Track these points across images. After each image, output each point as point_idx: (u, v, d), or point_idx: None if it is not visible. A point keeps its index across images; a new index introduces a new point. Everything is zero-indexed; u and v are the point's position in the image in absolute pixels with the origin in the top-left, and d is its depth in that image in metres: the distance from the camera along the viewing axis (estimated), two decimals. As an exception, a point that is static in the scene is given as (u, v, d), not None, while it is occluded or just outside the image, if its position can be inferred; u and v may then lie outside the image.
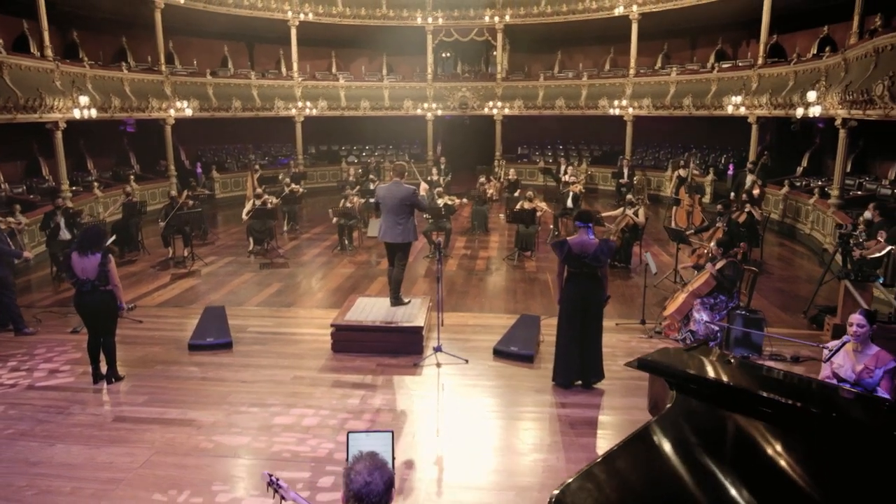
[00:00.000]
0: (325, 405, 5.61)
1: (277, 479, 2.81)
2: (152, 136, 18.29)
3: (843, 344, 4.02)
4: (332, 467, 4.60)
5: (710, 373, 3.59)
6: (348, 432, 3.49)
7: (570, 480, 2.61)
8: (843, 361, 4.08)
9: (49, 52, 12.73)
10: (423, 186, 7.94)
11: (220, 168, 19.56)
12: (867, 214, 8.49)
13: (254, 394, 5.84)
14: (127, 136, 18.82)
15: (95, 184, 14.75)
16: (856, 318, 3.98)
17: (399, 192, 7.06)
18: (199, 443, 4.95)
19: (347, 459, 3.28)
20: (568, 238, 5.77)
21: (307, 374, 6.32)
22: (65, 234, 10.41)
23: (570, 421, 5.32)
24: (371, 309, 7.37)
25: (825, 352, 4.11)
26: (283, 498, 2.82)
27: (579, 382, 5.96)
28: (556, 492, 2.53)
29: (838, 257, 8.15)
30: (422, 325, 6.89)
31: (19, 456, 4.78)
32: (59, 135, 12.71)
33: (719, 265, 6.80)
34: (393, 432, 3.65)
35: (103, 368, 6.14)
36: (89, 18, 17.26)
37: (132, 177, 15.94)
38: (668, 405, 3.37)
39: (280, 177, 16.99)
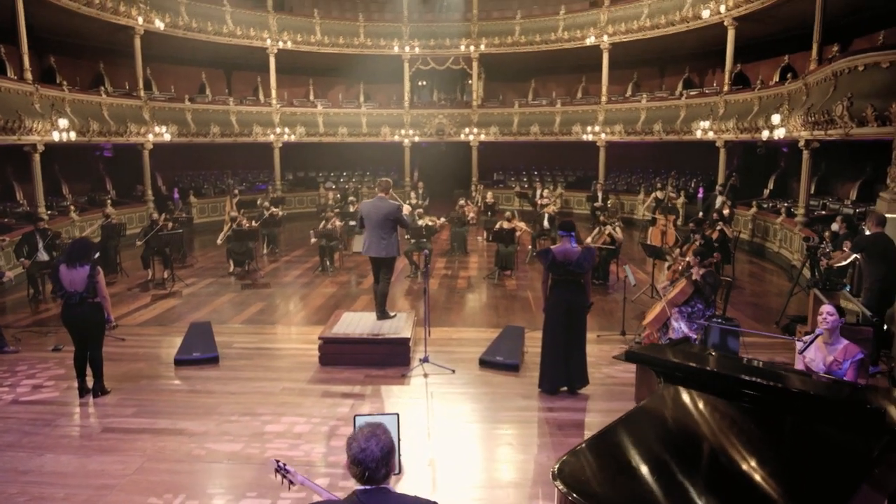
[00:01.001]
0: (316, 413, 5.67)
1: (285, 465, 2.90)
2: (129, 161, 18.23)
3: (817, 336, 4.25)
4: (326, 469, 4.66)
5: (694, 362, 3.78)
6: (355, 416, 3.58)
7: (565, 456, 2.74)
8: (814, 355, 4.30)
9: (29, 76, 12.73)
10: (406, 208, 8.12)
11: (197, 193, 19.51)
12: (834, 227, 8.88)
13: (243, 404, 5.86)
14: (103, 161, 18.74)
15: (72, 207, 14.63)
16: (826, 307, 4.22)
17: (384, 208, 7.22)
18: (191, 450, 4.96)
19: None
20: (552, 247, 5.98)
21: (296, 386, 6.37)
22: (43, 256, 10.33)
23: (557, 423, 5.45)
24: (357, 323, 7.45)
25: (799, 344, 4.34)
26: (291, 483, 2.90)
27: (565, 388, 6.10)
28: (556, 466, 2.66)
29: (806, 270, 8.49)
30: (409, 336, 7.00)
31: (8, 466, 4.74)
32: (36, 157, 12.65)
33: (701, 272, 7.04)
34: (399, 415, 3.75)
35: (89, 383, 6.12)
36: (67, 44, 17.29)
37: (109, 201, 15.83)
38: (655, 392, 3.54)
39: (259, 201, 17.03)
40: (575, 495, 2.39)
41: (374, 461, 2.19)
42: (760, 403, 3.28)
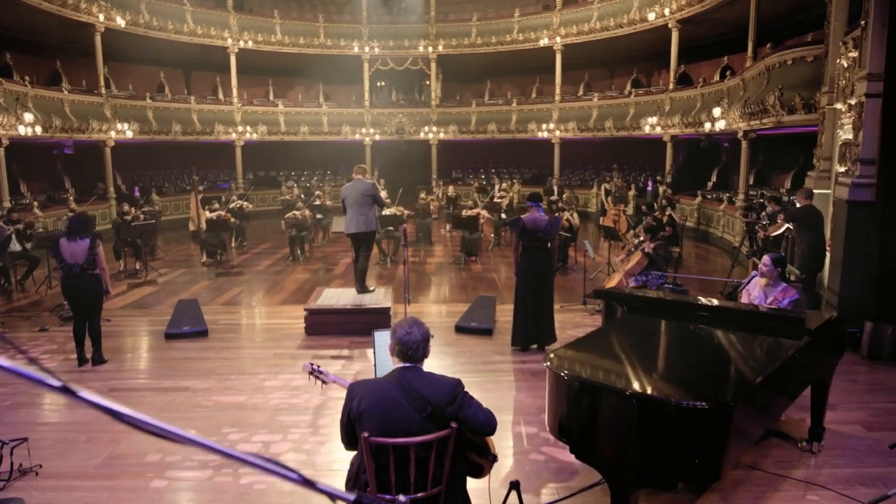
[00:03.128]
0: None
1: (318, 367, 3.40)
2: (88, 159, 18.15)
3: (752, 278, 4.97)
4: (326, 412, 5.14)
5: (652, 295, 4.44)
6: (374, 331, 4.08)
7: (551, 353, 3.34)
8: (757, 294, 5.02)
9: (-8, 70, 12.73)
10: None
11: (158, 192, 19.52)
12: (768, 209, 9.80)
13: (239, 366, 6.28)
14: (61, 159, 18.57)
15: (35, 204, 14.58)
16: (765, 258, 4.93)
17: (361, 186, 7.75)
18: (198, 402, 5.37)
19: (374, 354, 3.91)
20: (522, 216, 6.60)
21: (286, 351, 6.81)
22: (15, 246, 10.42)
23: (531, 371, 6.06)
24: (339, 297, 7.92)
25: (744, 286, 5.06)
26: (324, 382, 3.41)
27: (535, 346, 6.72)
28: (546, 359, 3.24)
29: (746, 244, 9.36)
30: (389, 306, 7.51)
31: (24, 419, 5.07)
32: (1, 151, 12.64)
33: (653, 245, 7.78)
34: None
35: (87, 354, 6.42)
36: (24, 41, 17.14)
37: (71, 198, 15.80)
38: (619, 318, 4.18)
39: (223, 198, 17.22)
40: (557, 370, 2.99)
41: (415, 343, 2.74)
42: (712, 322, 3.95)
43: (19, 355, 1.01)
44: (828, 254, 7.49)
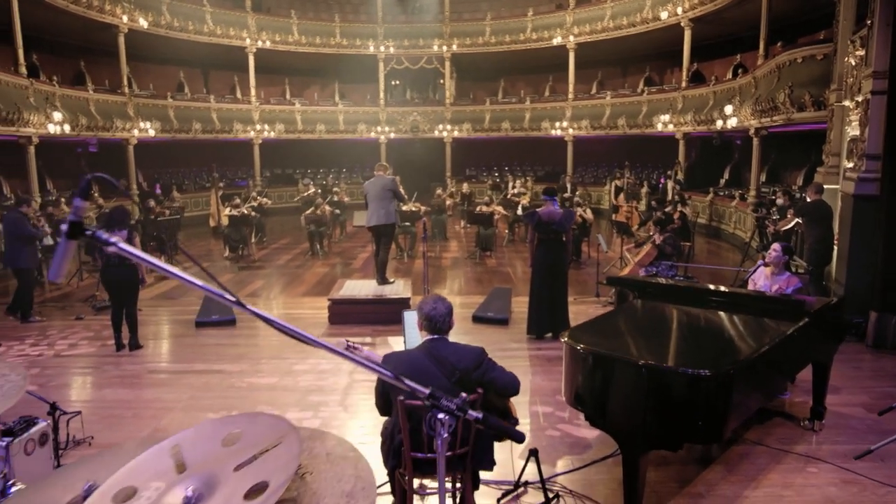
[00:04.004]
0: (335, 357, 6.42)
1: (353, 343, 3.70)
2: (110, 157, 18.59)
3: (759, 266, 5.21)
4: (353, 392, 5.45)
5: (661, 282, 4.70)
6: (403, 311, 4.38)
7: (568, 331, 3.62)
8: (762, 283, 5.26)
9: (23, 70, 13.16)
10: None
11: (178, 189, 19.93)
12: (778, 202, 9.99)
13: (268, 352, 6.61)
14: (85, 157, 19.04)
15: (62, 200, 15.00)
16: (775, 245, 5.17)
17: (381, 182, 8.07)
18: (233, 383, 5.70)
19: (404, 333, 4.21)
20: (537, 209, 6.87)
21: (311, 339, 7.11)
22: (48, 241, 10.81)
23: (546, 358, 6.34)
24: (360, 289, 8.23)
25: (751, 273, 5.31)
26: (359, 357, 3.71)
27: (549, 334, 6.99)
28: (563, 335, 3.52)
29: (756, 238, 9.57)
30: (409, 296, 7.81)
31: (69, 398, 5.41)
32: (31, 150, 13.08)
33: (662, 238, 8.02)
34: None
35: (124, 340, 6.77)
36: (49, 42, 17.61)
37: (96, 194, 16.22)
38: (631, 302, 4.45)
39: (242, 195, 17.61)
40: (573, 344, 3.27)
41: (441, 316, 3.04)
42: (718, 306, 4.21)
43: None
44: (835, 247, 7.69)
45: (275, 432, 1.20)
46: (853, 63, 7.61)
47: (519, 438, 1.58)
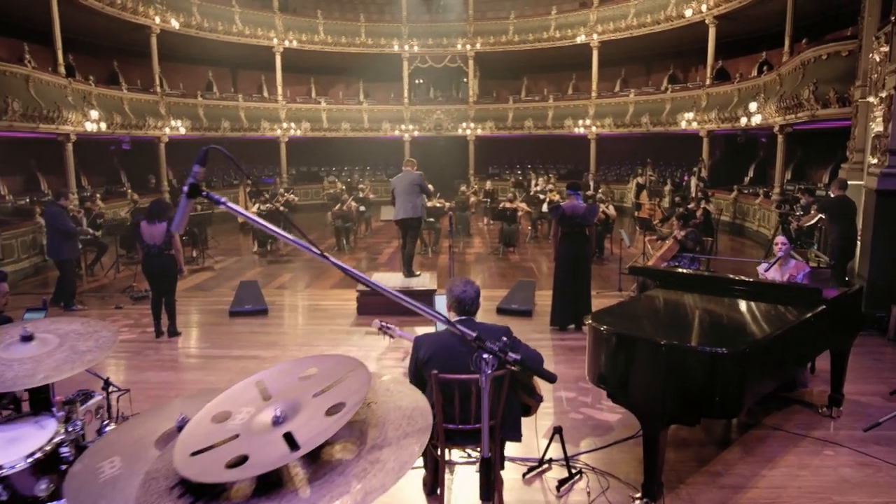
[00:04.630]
0: (363, 344, 6.69)
1: (386, 324, 3.91)
2: (142, 154, 19.09)
3: (777, 259, 5.33)
4: (383, 375, 5.66)
5: (682, 271, 4.85)
6: (434, 296, 4.58)
7: (591, 314, 3.79)
8: (773, 274, 5.39)
9: (62, 70, 13.63)
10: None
11: (206, 186, 20.37)
12: (802, 201, 10.02)
13: (300, 339, 6.87)
14: (118, 154, 19.57)
15: (98, 195, 15.49)
16: (779, 238, 5.30)
17: (409, 177, 8.29)
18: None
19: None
20: (561, 203, 7.04)
21: (341, 328, 7.38)
22: (86, 234, 11.23)
23: (569, 347, 6.51)
24: (387, 281, 8.47)
25: (763, 265, 5.42)
26: (391, 336, 3.93)
27: (572, 326, 7.15)
28: (587, 319, 3.70)
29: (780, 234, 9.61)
30: (435, 288, 8.02)
31: (125, 377, 5.70)
32: (69, 147, 13.55)
33: (684, 232, 8.12)
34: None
35: (163, 327, 7.08)
36: (84, 43, 18.12)
37: (129, 190, 16.72)
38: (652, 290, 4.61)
39: (269, 191, 18.01)
40: (597, 326, 3.44)
41: (470, 298, 3.24)
42: (736, 294, 4.35)
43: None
44: (858, 243, 7.73)
45: (344, 367, 1.40)
46: (877, 59, 7.64)
47: (551, 378, 1.76)
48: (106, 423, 2.31)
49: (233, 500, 1.12)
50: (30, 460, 2.07)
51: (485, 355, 1.45)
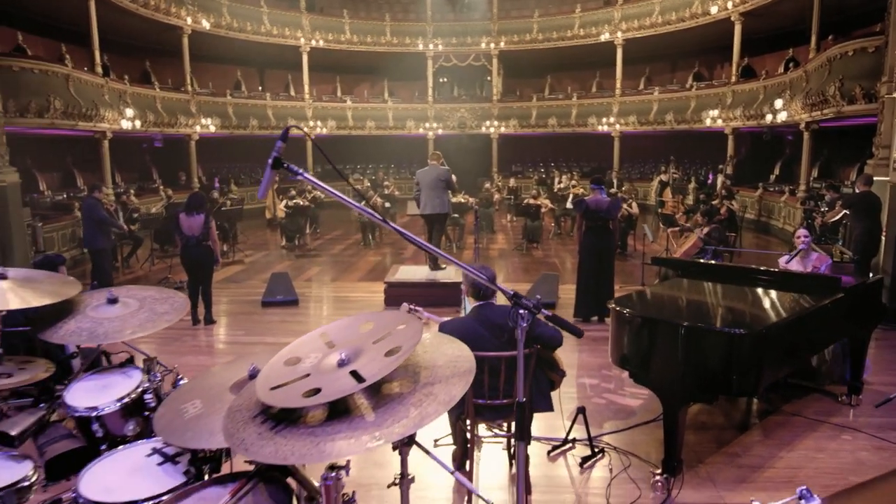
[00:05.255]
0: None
1: (415, 306, 4.12)
2: (173, 151, 19.58)
3: (799, 251, 5.42)
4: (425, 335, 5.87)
5: (703, 262, 4.98)
6: (461, 285, 4.78)
7: (615, 298, 3.96)
8: (795, 267, 5.48)
9: (99, 69, 14.08)
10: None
11: (235, 183, 20.85)
12: (826, 197, 10.03)
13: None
14: (150, 152, 20.09)
15: (131, 191, 15.95)
16: (800, 231, 5.38)
17: (435, 172, 8.48)
18: (300, 353, 6.20)
19: (463, 300, 4.62)
20: (585, 198, 7.18)
21: (369, 318, 7.60)
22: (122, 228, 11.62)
23: (592, 337, 6.65)
24: (414, 273, 8.69)
25: (785, 257, 5.52)
26: (419, 318, 4.13)
27: (595, 318, 7.29)
28: (611, 302, 3.86)
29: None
30: (460, 281, 8.20)
31: (170, 360, 5.97)
32: (105, 144, 14.00)
33: (707, 229, 8.22)
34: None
35: (200, 315, 7.38)
36: (117, 43, 18.63)
37: (161, 187, 17.17)
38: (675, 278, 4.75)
39: (296, 187, 18.33)
40: (620, 309, 3.61)
41: (483, 283, 3.42)
42: (756, 284, 4.48)
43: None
44: (883, 239, 7.74)
45: (399, 319, 1.60)
46: (903, 55, 7.65)
47: (578, 333, 1.95)
48: (180, 377, 2.54)
49: (309, 424, 1.32)
50: (119, 403, 2.37)
51: (521, 311, 1.63)
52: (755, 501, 1.52)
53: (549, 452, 4.05)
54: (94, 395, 2.42)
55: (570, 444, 4.11)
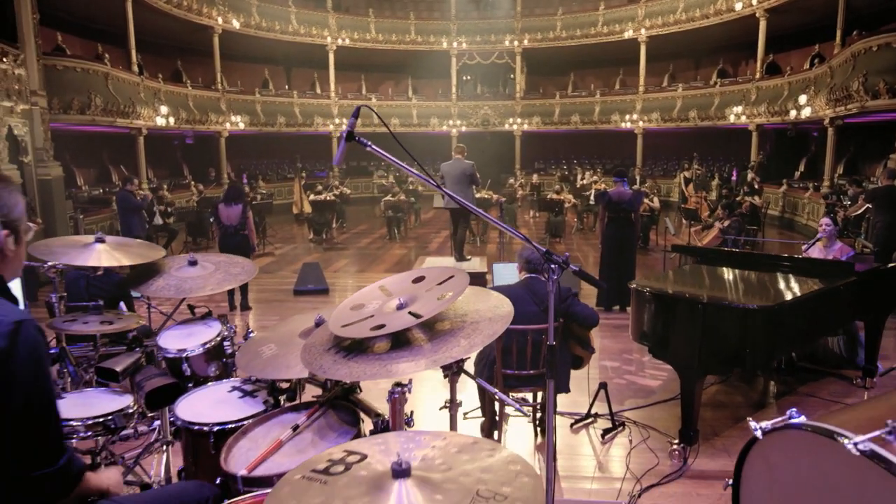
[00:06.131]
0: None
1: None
2: (203, 148, 20.10)
3: (817, 240, 5.58)
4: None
5: (721, 249, 5.17)
6: (493, 264, 5.05)
7: (635, 279, 4.18)
8: (817, 255, 5.64)
9: (135, 68, 14.58)
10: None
11: (263, 179, 21.32)
12: (850, 192, 10.09)
13: (361, 315, 7.40)
14: (181, 148, 20.64)
15: (164, 186, 16.46)
16: (824, 220, 5.54)
17: (460, 166, 8.73)
18: (333, 337, 6.51)
19: (492, 279, 4.88)
20: (608, 190, 7.39)
21: (397, 306, 7.89)
22: (158, 220, 12.08)
23: (614, 325, 6.86)
24: (440, 264, 8.95)
25: (804, 246, 5.68)
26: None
27: (617, 307, 7.49)
28: (632, 283, 4.09)
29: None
30: (485, 271, 8.47)
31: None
32: (141, 140, 14.49)
33: (728, 222, 8.38)
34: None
35: (236, 301, 7.73)
36: (150, 43, 19.16)
37: (192, 183, 17.68)
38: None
39: (323, 182, 18.73)
40: (640, 288, 3.84)
41: (537, 259, 3.69)
42: (772, 269, 4.67)
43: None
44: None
45: (447, 272, 1.86)
46: (926, 50, 7.73)
47: (600, 286, 2.20)
48: (250, 330, 2.86)
49: (376, 352, 1.59)
50: (203, 347, 2.78)
51: (552, 266, 1.89)
52: (751, 420, 1.74)
53: (572, 425, 4.29)
54: (182, 340, 2.86)
55: (593, 419, 4.34)
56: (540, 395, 3.94)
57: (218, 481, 1.66)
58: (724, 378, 4.75)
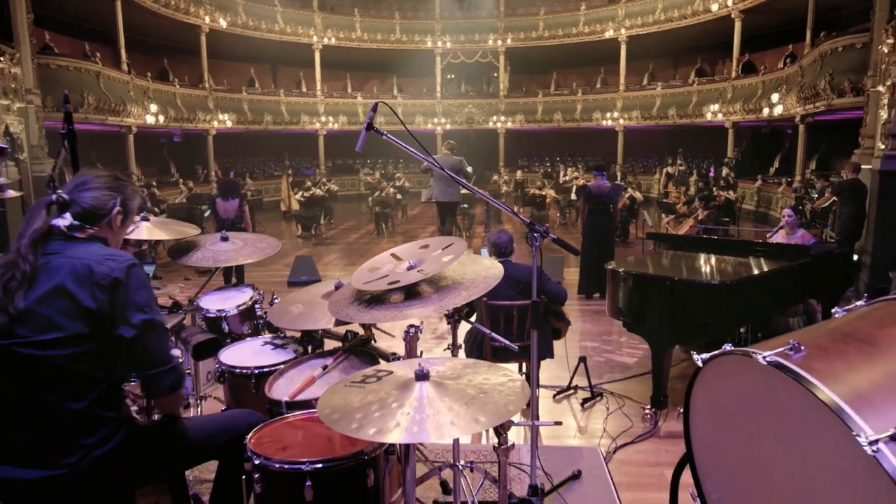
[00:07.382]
0: (411, 307, 7.52)
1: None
2: (190, 146, 20.29)
3: (780, 228, 6.03)
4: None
5: (692, 237, 5.59)
6: (481, 249, 5.41)
7: (612, 261, 4.58)
8: (780, 241, 6.08)
9: (125, 67, 14.76)
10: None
11: (250, 177, 21.53)
12: (817, 185, 10.61)
13: (354, 304, 7.74)
14: (168, 146, 20.80)
15: (153, 183, 16.65)
16: (786, 210, 5.99)
17: (449, 161, 9.11)
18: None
19: None
20: (588, 183, 7.80)
21: (388, 295, 8.23)
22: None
23: (593, 311, 7.28)
24: (428, 256, 9.31)
25: (768, 235, 6.13)
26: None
27: (597, 294, 7.91)
28: (610, 265, 4.48)
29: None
30: (472, 262, 8.84)
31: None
32: (131, 138, 14.68)
33: (705, 213, 8.82)
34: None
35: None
36: (138, 42, 19.30)
37: (180, 180, 17.88)
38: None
39: (311, 179, 19.01)
40: (616, 269, 4.23)
41: (504, 243, 4.07)
42: (735, 253, 5.09)
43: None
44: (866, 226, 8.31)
45: (448, 240, 2.22)
46: (885, 51, 8.23)
47: (576, 252, 2.58)
48: (275, 296, 3.25)
49: (392, 302, 1.95)
50: (236, 310, 3.28)
51: (535, 234, 2.26)
52: (693, 352, 1.94)
53: (554, 396, 4.68)
54: (219, 303, 3.41)
55: (573, 390, 4.74)
56: (524, 365, 4.32)
57: (267, 407, 2.05)
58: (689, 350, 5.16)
